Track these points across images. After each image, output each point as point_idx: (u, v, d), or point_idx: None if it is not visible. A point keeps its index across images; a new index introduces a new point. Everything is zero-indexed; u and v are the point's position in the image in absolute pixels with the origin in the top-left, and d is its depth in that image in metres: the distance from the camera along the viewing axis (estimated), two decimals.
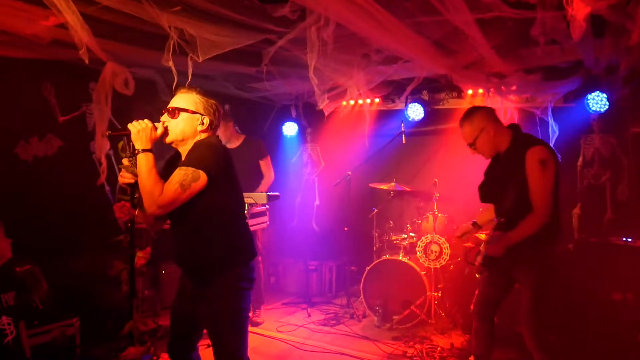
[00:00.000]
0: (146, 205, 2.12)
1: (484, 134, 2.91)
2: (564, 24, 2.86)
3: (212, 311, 2.29)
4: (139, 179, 2.14)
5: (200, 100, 2.34)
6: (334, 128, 6.03)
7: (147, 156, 2.16)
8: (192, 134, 2.31)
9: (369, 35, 3.30)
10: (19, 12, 2.88)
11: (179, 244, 2.36)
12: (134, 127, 2.18)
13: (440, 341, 4.21)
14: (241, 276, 2.33)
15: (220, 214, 2.28)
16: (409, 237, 4.92)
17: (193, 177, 2.11)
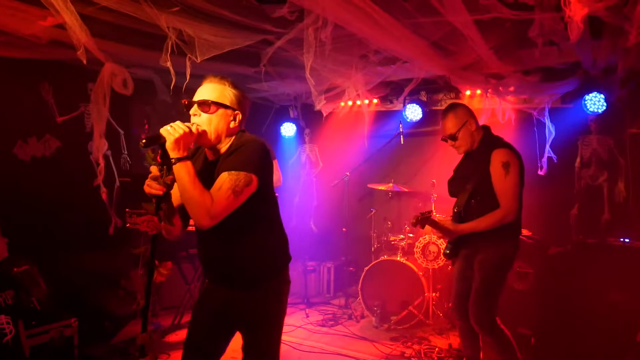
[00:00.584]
0: (196, 218, 1.88)
1: (467, 127, 3.03)
2: (562, 25, 2.87)
3: (257, 318, 2.14)
4: (182, 191, 1.89)
5: (234, 92, 2.11)
6: (332, 129, 6.04)
7: (187, 165, 1.90)
8: (225, 131, 2.08)
9: (368, 36, 3.30)
10: (16, 12, 2.87)
11: (219, 249, 2.12)
12: (170, 134, 1.89)
13: (438, 342, 4.21)
14: (285, 279, 2.24)
15: (265, 216, 2.14)
16: (407, 237, 4.93)
17: (246, 182, 1.91)
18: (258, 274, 2.13)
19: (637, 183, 4.61)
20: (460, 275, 3.13)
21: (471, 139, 3.04)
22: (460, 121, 3.02)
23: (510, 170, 2.83)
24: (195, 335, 2.23)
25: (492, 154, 2.89)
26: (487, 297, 2.91)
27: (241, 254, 2.09)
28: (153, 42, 3.19)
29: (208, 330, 2.21)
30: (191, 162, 1.92)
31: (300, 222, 6.47)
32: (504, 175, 2.83)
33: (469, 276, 3.07)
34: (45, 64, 3.88)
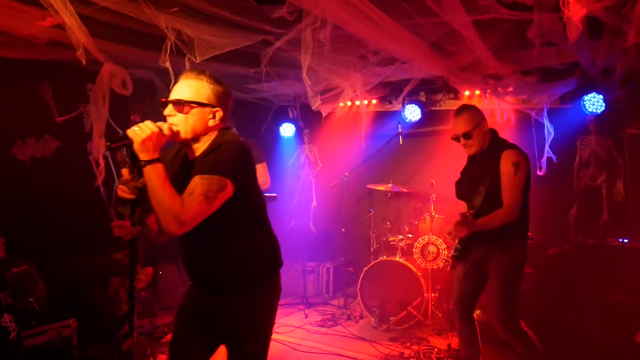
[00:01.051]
0: (165, 224, 1.74)
1: (481, 127, 3.03)
2: (561, 25, 2.88)
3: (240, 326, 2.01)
4: (151, 195, 1.75)
5: (213, 88, 1.97)
6: (331, 129, 6.04)
7: (157, 168, 1.77)
8: (204, 130, 1.96)
9: (366, 36, 3.30)
10: (16, 13, 2.87)
11: (198, 255, 2.02)
12: (137, 134, 1.77)
13: (437, 342, 4.21)
14: (274, 287, 2.10)
15: (247, 221, 1.99)
16: (406, 238, 4.93)
17: (219, 187, 1.77)
18: (240, 281, 2.00)
19: (636, 183, 4.61)
20: (464, 277, 3.13)
21: (483, 139, 3.04)
22: (475, 120, 3.02)
23: (519, 171, 2.87)
24: (180, 341, 2.12)
25: (502, 154, 2.92)
26: (510, 301, 2.93)
27: (221, 260, 1.99)
28: (152, 42, 3.19)
29: (193, 336, 2.09)
30: (162, 165, 1.79)
31: (300, 223, 6.48)
32: (513, 174, 2.86)
33: (475, 279, 3.09)
34: (44, 64, 3.88)
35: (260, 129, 6.56)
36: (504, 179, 2.89)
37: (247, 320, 2.01)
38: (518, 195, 2.86)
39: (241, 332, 2.02)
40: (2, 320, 2.81)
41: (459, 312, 3.16)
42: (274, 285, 2.10)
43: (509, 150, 2.94)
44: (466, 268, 3.11)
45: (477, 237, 2.94)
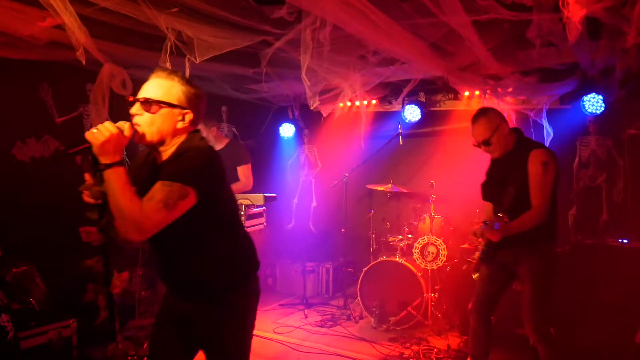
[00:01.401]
0: (123, 231, 1.67)
1: (500, 130, 2.96)
2: (560, 26, 2.89)
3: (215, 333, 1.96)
4: (110, 200, 1.68)
5: (184, 89, 1.88)
6: (331, 129, 6.04)
7: (117, 171, 1.69)
8: (171, 132, 1.87)
9: (366, 37, 3.31)
10: (15, 13, 2.87)
11: (168, 263, 1.98)
12: (96, 137, 1.69)
13: (437, 342, 4.21)
14: (247, 292, 2.04)
15: (215, 229, 1.92)
16: (405, 238, 4.93)
17: (180, 195, 1.69)
18: (210, 288, 1.94)
19: (636, 184, 4.62)
20: (489, 279, 3.09)
21: (505, 142, 2.98)
22: (492, 125, 2.95)
23: (549, 170, 2.82)
24: (157, 346, 2.08)
25: (530, 153, 2.86)
26: (542, 305, 2.88)
27: (189, 268, 1.94)
28: (152, 43, 3.19)
29: (170, 341, 2.03)
30: (124, 168, 1.71)
31: (299, 223, 6.48)
32: (542, 174, 2.80)
33: (499, 282, 3.07)
34: (44, 64, 3.88)
35: (260, 130, 6.57)
36: (533, 180, 2.83)
37: (221, 326, 1.96)
38: (548, 196, 2.81)
39: (216, 338, 1.98)
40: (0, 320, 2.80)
41: (479, 313, 3.13)
42: (247, 290, 2.04)
43: (537, 150, 2.88)
44: (491, 271, 3.08)
45: (504, 240, 2.86)
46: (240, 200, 4.17)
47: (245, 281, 2.03)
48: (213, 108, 5.73)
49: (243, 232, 2.10)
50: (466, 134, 3.16)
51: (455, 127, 5.39)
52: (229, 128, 5.88)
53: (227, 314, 1.95)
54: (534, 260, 2.89)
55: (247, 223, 4.21)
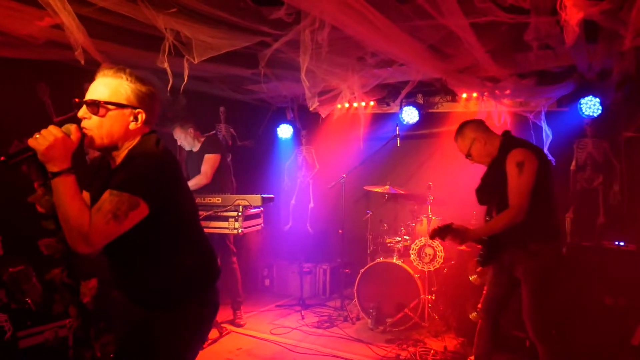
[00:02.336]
0: (71, 242, 1.57)
1: (476, 144, 3.07)
2: (558, 29, 2.90)
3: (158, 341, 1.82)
4: (57, 211, 1.58)
5: (133, 87, 1.74)
6: (329, 131, 6.05)
7: (65, 180, 1.58)
8: (123, 134, 1.74)
9: (365, 38, 3.31)
10: (13, 12, 2.87)
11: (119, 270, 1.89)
12: (39, 143, 1.57)
13: (433, 344, 4.22)
14: (207, 302, 1.92)
15: (170, 237, 1.80)
16: (403, 239, 4.93)
17: (130, 206, 1.58)
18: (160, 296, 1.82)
19: (632, 186, 4.63)
20: (494, 281, 3.14)
21: (485, 152, 3.06)
22: (468, 141, 3.08)
23: (525, 170, 2.81)
24: None
25: (508, 155, 2.90)
26: (541, 307, 2.89)
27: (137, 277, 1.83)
28: (150, 43, 3.19)
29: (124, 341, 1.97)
30: (72, 176, 1.60)
31: (297, 224, 6.48)
32: (517, 174, 2.82)
33: (503, 284, 3.09)
34: (42, 64, 3.87)
35: (258, 131, 6.57)
36: (509, 181, 2.87)
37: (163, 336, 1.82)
38: (524, 196, 2.80)
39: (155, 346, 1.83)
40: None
41: (487, 313, 3.17)
42: (203, 301, 1.90)
43: (514, 151, 2.90)
44: (495, 273, 3.13)
45: (499, 242, 2.95)
46: (238, 201, 4.18)
47: (201, 291, 1.90)
48: (211, 109, 5.73)
49: (201, 239, 1.97)
50: None
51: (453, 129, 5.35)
52: (226, 129, 5.88)
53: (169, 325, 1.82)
54: (529, 262, 2.90)
55: (244, 224, 4.21)
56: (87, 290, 1.95)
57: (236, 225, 4.17)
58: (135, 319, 1.89)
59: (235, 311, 4.79)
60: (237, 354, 4.11)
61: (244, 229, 4.23)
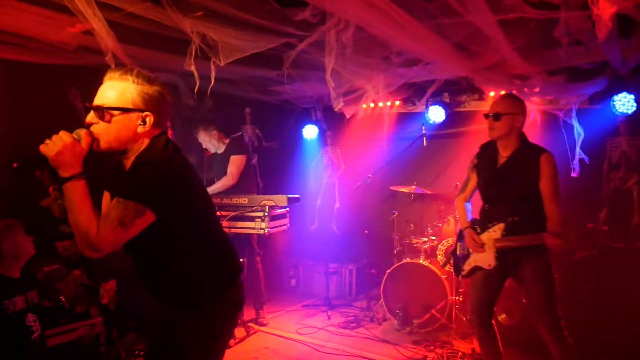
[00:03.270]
0: (80, 247, 1.60)
1: (515, 118, 2.95)
2: (589, 24, 2.82)
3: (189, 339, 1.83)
4: (68, 215, 1.61)
5: (139, 90, 1.74)
6: (354, 131, 6.03)
7: (75, 185, 1.61)
8: (132, 138, 1.75)
9: (389, 37, 3.29)
10: (45, 20, 2.96)
11: (141, 270, 1.91)
12: (49, 149, 1.61)
13: (461, 346, 4.16)
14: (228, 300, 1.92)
15: (184, 239, 1.81)
16: (429, 240, 4.88)
17: (136, 214, 1.60)
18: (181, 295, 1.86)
19: None
20: (483, 285, 3.07)
21: (508, 131, 2.95)
22: (513, 108, 2.95)
23: (557, 173, 2.85)
24: None
25: (542, 155, 2.86)
26: (552, 302, 2.85)
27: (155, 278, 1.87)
28: (178, 46, 3.24)
29: None
30: (83, 182, 1.63)
31: (322, 224, 6.48)
32: (555, 177, 2.83)
33: (494, 287, 3.05)
34: (73, 69, 3.97)
35: (283, 131, 6.59)
36: (549, 184, 2.83)
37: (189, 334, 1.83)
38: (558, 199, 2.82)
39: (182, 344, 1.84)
40: (26, 319, 2.84)
41: (480, 320, 3.10)
42: (225, 299, 1.90)
43: (549, 153, 2.88)
44: (484, 277, 3.05)
45: None
46: (264, 202, 4.21)
47: (223, 289, 1.90)
48: (237, 110, 5.79)
49: (219, 237, 1.97)
50: None
51: (480, 128, 5.31)
52: (252, 130, 5.93)
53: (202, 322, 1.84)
54: (537, 259, 2.87)
55: (270, 224, 4.24)
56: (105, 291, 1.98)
57: (262, 225, 4.21)
58: (161, 318, 1.92)
59: (257, 311, 4.84)
60: (264, 353, 4.14)
61: (270, 229, 4.26)
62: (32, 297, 2.94)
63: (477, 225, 3.10)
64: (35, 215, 3.43)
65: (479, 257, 3.03)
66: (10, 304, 2.76)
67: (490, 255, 2.96)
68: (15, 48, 3.37)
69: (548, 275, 2.88)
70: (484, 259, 3.00)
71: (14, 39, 3.23)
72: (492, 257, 2.95)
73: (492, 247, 2.94)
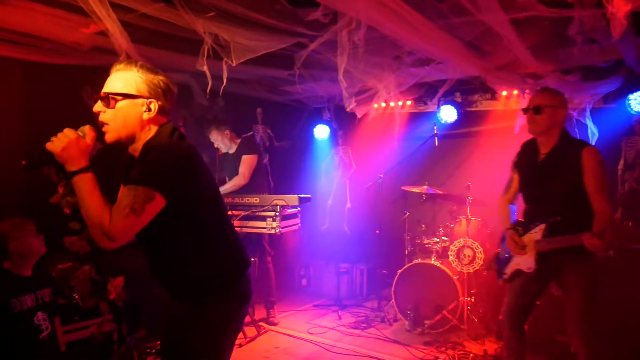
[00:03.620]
0: (95, 239, 1.64)
1: (556, 111, 2.80)
2: (604, 22, 2.79)
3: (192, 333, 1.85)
4: (80, 208, 1.65)
5: (144, 77, 1.79)
6: (365, 131, 6.02)
7: (84, 178, 1.65)
8: (138, 125, 1.79)
9: (401, 37, 3.29)
10: (60, 21, 3.00)
11: (150, 261, 1.93)
12: (55, 146, 1.65)
13: (473, 347, 4.14)
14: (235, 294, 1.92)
15: (192, 228, 1.81)
16: (441, 240, 4.86)
17: (146, 199, 1.62)
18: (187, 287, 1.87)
19: None
20: (522, 291, 2.93)
21: (550, 126, 2.80)
22: (554, 102, 2.80)
23: (604, 168, 2.71)
24: None
25: (584, 150, 2.71)
26: (591, 314, 2.72)
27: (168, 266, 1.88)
28: (190, 46, 3.26)
29: None
30: (90, 174, 1.67)
31: (333, 224, 6.48)
32: (601, 172, 2.68)
33: (534, 293, 2.92)
34: (87, 69, 4.01)
35: (294, 131, 6.61)
36: (593, 179, 2.66)
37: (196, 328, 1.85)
38: (607, 196, 2.66)
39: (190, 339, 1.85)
40: (35, 318, 2.84)
41: (512, 324, 2.98)
42: (231, 293, 1.91)
43: (591, 147, 2.73)
44: (525, 280, 2.91)
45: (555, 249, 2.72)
46: (275, 201, 4.22)
47: (230, 283, 1.91)
48: (248, 110, 5.81)
49: (227, 230, 1.97)
50: (504, 134, 3.10)
51: (492, 128, 5.29)
52: (264, 129, 5.95)
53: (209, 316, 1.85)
54: (582, 265, 2.72)
55: (282, 224, 4.26)
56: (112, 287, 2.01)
57: (274, 225, 4.22)
58: (168, 312, 1.94)
59: (268, 310, 4.86)
60: (275, 352, 4.15)
61: (282, 229, 4.27)
62: (43, 296, 2.96)
63: (519, 226, 2.95)
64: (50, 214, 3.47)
65: (521, 260, 2.88)
66: (17, 303, 2.78)
67: (531, 257, 2.81)
68: (30, 49, 3.42)
69: (590, 285, 2.72)
70: (525, 261, 2.85)
71: (30, 39, 3.28)
72: (532, 259, 2.80)
73: (533, 249, 2.80)
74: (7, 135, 3.79)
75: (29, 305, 2.84)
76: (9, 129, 3.82)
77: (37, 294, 2.92)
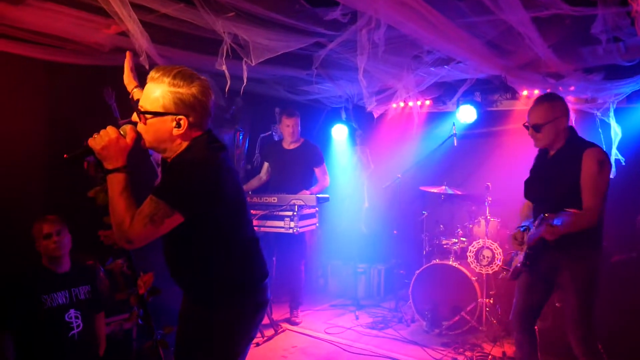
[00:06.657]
0: (115, 237, 1.70)
1: (556, 123, 2.81)
2: (628, 20, 2.74)
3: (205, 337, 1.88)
4: (109, 204, 1.70)
5: (173, 92, 1.72)
6: (383, 130, 6.01)
7: (116, 178, 1.69)
8: (169, 140, 1.79)
9: (421, 36, 3.26)
10: (82, 22, 3.04)
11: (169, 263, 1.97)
12: (96, 143, 1.70)
13: (491, 349, 4.09)
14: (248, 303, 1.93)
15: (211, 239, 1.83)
16: (459, 241, 4.82)
17: (164, 213, 1.65)
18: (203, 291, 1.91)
19: None
20: (529, 289, 2.95)
21: (554, 137, 2.83)
22: (552, 115, 2.80)
23: (604, 170, 2.65)
24: None
25: (585, 151, 2.70)
26: (588, 317, 2.71)
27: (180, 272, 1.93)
28: (209, 46, 3.29)
29: None
30: (123, 175, 1.70)
31: (351, 224, 6.47)
32: (597, 172, 2.63)
33: (540, 291, 2.93)
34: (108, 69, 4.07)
35: (312, 131, 6.61)
36: (587, 179, 2.65)
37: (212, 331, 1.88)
38: (599, 198, 2.62)
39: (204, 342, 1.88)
40: (66, 315, 2.87)
41: (521, 324, 3.00)
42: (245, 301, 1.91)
43: (594, 148, 2.72)
44: (532, 279, 2.94)
45: (545, 245, 2.72)
46: (293, 201, 4.24)
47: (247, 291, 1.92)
48: (267, 110, 5.84)
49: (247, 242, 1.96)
50: (524, 134, 3.06)
51: (513, 128, 5.22)
52: None
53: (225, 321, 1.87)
54: (578, 267, 2.73)
55: (300, 223, 4.27)
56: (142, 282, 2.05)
57: (292, 224, 4.24)
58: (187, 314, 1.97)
59: (292, 310, 4.89)
60: (292, 351, 4.16)
61: (300, 228, 4.28)
62: (78, 293, 2.98)
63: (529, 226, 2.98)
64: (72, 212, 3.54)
65: (519, 256, 2.96)
66: (48, 299, 2.82)
67: (522, 252, 2.90)
68: (54, 50, 3.47)
69: (586, 288, 2.72)
70: (520, 257, 2.93)
71: (54, 40, 3.34)
72: (522, 254, 2.89)
73: (525, 245, 2.88)
74: (31, 134, 3.87)
75: (61, 302, 2.86)
76: (32, 129, 3.89)
77: (71, 291, 2.94)
